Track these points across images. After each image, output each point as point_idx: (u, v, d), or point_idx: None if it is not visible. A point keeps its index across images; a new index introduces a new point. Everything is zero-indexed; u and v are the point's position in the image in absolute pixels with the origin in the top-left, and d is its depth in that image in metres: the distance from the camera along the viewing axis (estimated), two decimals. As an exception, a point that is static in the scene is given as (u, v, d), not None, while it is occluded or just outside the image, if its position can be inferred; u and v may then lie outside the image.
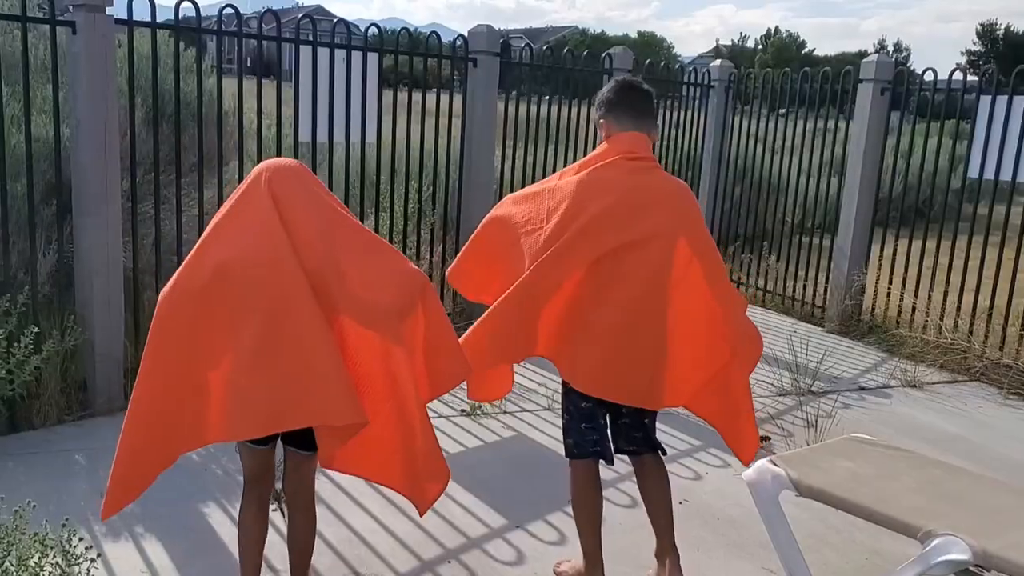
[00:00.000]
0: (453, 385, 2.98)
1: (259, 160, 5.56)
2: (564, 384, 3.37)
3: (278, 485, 3.28)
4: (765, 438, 5.10)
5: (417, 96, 6.38)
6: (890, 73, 7.62)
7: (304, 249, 2.63)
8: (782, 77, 8.69)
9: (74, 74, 4.72)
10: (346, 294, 2.67)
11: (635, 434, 3.38)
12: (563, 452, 3.41)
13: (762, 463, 3.45)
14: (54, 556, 2.60)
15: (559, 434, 4.89)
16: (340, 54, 5.85)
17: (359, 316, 2.69)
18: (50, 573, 2.57)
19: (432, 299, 2.87)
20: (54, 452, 4.40)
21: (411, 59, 6.40)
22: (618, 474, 4.34)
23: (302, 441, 2.90)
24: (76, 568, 2.63)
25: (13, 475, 4.14)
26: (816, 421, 5.38)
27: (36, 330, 4.36)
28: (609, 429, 3.37)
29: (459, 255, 3.55)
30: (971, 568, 3.66)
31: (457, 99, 6.80)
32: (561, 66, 7.57)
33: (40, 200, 4.99)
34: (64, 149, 4.82)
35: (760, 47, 63.61)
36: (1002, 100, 6.78)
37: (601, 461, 3.36)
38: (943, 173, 7.70)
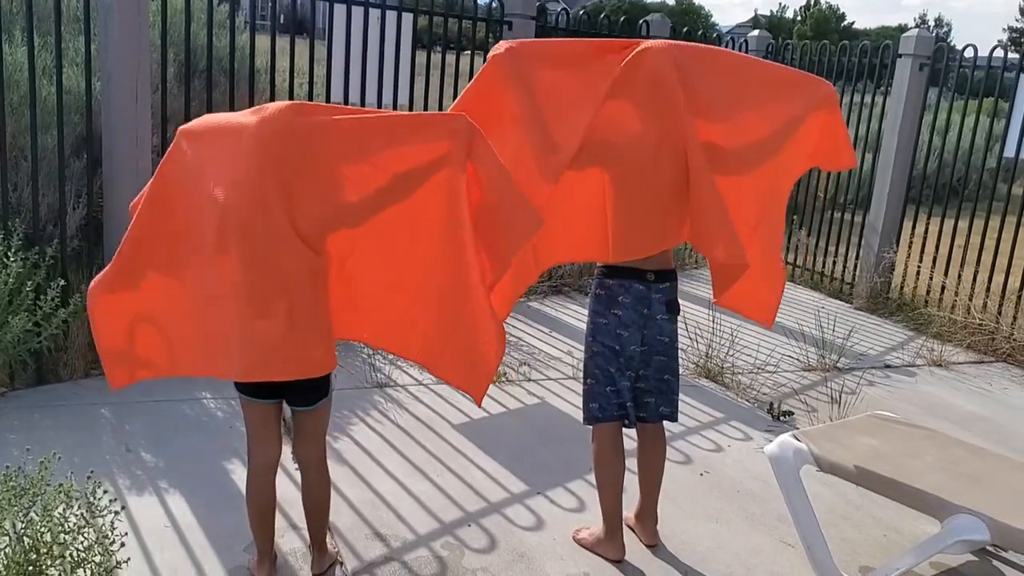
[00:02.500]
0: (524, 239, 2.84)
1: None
2: (588, 348, 3.39)
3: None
4: (788, 413, 5.09)
5: (450, 58, 6.35)
6: (929, 48, 7.49)
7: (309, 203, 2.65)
8: (820, 49, 8.57)
9: (106, 26, 4.71)
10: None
11: (648, 399, 3.41)
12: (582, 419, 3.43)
13: (784, 437, 3.46)
14: (78, 508, 2.63)
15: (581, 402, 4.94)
16: (374, 13, 5.81)
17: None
18: (74, 524, 2.60)
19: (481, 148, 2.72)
20: (80, 405, 4.45)
21: (446, 20, 6.35)
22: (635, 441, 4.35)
23: (304, 397, 2.93)
24: (100, 520, 2.66)
25: (39, 427, 4.19)
26: (840, 397, 5.36)
27: (63, 283, 4.39)
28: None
29: None
30: (988, 548, 3.67)
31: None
32: (597, 32, 7.49)
33: (70, 153, 5.01)
34: (95, 102, 4.83)
35: (799, 18, 62.60)
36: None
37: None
38: (979, 151, 7.58)
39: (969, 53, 7.27)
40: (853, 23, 66.48)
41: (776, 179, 3.35)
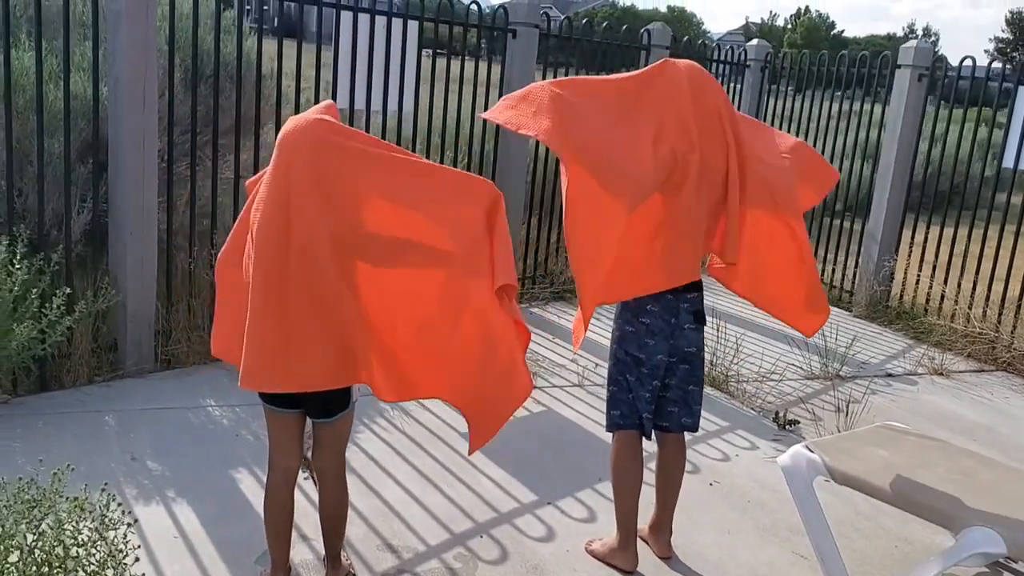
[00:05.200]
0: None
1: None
2: (613, 355, 3.39)
3: (308, 454, 3.28)
4: (794, 421, 5.08)
5: (450, 64, 6.35)
6: (928, 59, 7.52)
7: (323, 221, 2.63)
8: (819, 59, 8.59)
9: (114, 31, 4.68)
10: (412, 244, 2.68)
11: (671, 408, 3.39)
12: (590, 428, 3.41)
13: (797, 448, 3.44)
14: (92, 520, 2.59)
15: (588, 411, 4.94)
16: (380, 20, 5.80)
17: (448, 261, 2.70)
18: (87, 537, 2.57)
19: (501, 213, 2.80)
20: (84, 413, 4.41)
21: (451, 28, 6.35)
22: (648, 452, 4.33)
23: (322, 410, 2.91)
24: (112, 533, 2.62)
25: (44, 434, 4.15)
26: (845, 407, 5.36)
27: (69, 291, 4.35)
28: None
29: None
30: (1000, 560, 3.67)
31: (492, 68, 6.75)
32: (600, 40, 7.49)
33: (76, 158, 4.96)
34: (102, 108, 4.78)
35: (790, 26, 62.96)
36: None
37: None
38: (978, 161, 7.63)
39: (966, 64, 7.33)
40: (843, 31, 66.94)
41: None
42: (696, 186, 3.12)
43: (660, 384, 3.34)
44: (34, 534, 2.55)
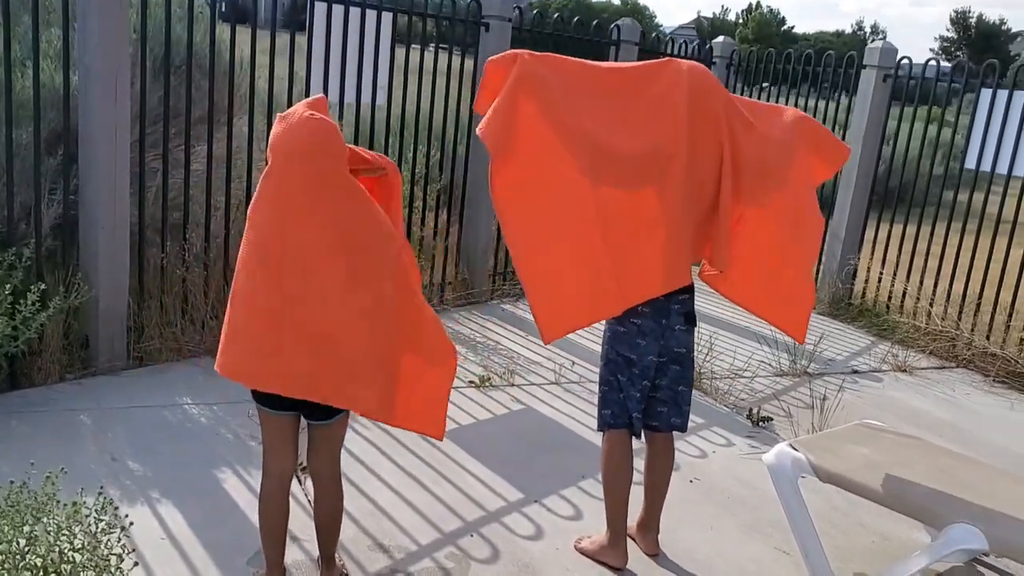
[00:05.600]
0: None
1: (268, 116, 5.47)
2: (604, 355, 3.40)
3: (301, 456, 3.24)
4: (767, 418, 5.14)
5: (421, 57, 6.31)
6: (893, 60, 7.63)
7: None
8: (784, 57, 8.68)
9: (84, 18, 4.55)
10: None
11: (661, 408, 3.41)
12: (569, 426, 3.41)
13: (781, 447, 3.49)
14: (87, 525, 2.54)
15: (567, 408, 4.96)
16: (355, 12, 5.74)
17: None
18: (82, 542, 2.51)
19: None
20: (58, 411, 4.30)
21: (424, 20, 6.31)
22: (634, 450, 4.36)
23: (320, 411, 2.87)
24: (107, 538, 2.57)
25: (19, 434, 4.04)
26: (816, 403, 5.43)
27: (43, 287, 4.24)
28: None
29: None
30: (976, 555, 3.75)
31: (465, 60, 6.73)
32: (571, 35, 7.49)
33: (45, 149, 4.82)
34: (72, 97, 4.66)
35: (741, 21, 63.54)
36: (989, 92, 6.92)
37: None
38: (931, 160, 7.79)
39: (923, 65, 7.48)
40: (793, 27, 67.76)
41: (797, 202, 3.41)
42: (684, 189, 3.12)
43: (650, 384, 3.35)
44: (25, 538, 2.49)
